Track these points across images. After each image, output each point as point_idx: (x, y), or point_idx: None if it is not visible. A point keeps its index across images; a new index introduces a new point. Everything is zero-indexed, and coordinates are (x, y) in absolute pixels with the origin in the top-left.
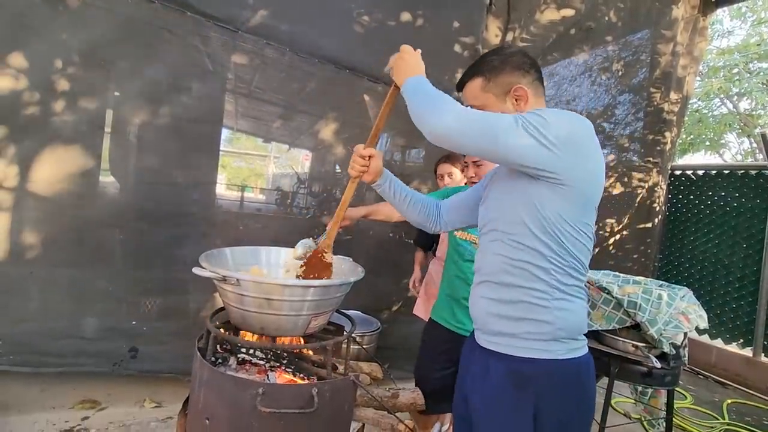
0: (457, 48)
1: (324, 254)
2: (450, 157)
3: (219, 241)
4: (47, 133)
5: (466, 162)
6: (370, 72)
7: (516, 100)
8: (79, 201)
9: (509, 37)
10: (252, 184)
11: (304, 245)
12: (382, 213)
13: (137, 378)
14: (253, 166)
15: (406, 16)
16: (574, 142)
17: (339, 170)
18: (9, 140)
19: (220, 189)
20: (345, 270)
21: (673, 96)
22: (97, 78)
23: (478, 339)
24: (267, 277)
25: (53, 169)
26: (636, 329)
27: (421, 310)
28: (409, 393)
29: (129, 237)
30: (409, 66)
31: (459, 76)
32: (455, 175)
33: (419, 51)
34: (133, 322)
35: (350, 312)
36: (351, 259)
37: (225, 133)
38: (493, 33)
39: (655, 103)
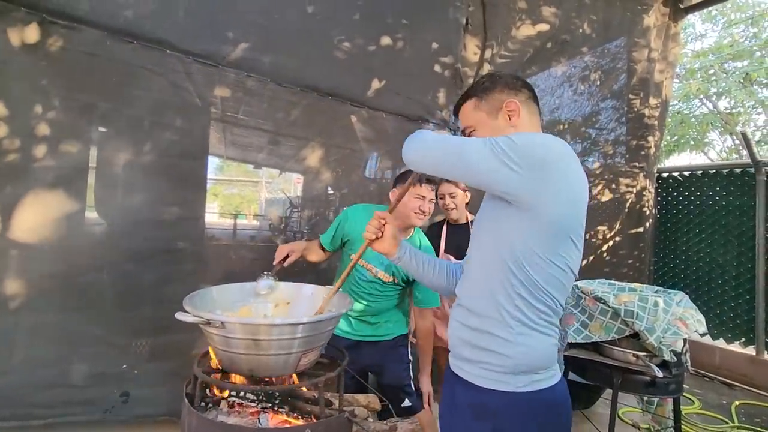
0: (437, 68)
1: None
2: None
3: (210, 275)
4: (29, 179)
5: (442, 193)
6: (351, 97)
7: (509, 115)
8: (64, 246)
9: (487, 54)
10: (244, 212)
11: (267, 286)
12: (311, 250)
13: (130, 424)
14: (244, 193)
15: (385, 40)
16: (542, 167)
17: (332, 192)
18: None
19: (212, 219)
20: (334, 301)
21: (653, 101)
22: (79, 121)
23: (450, 362)
24: (252, 318)
25: (36, 215)
26: (636, 338)
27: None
28: (407, 424)
29: (116, 278)
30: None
31: (441, 95)
32: (458, 196)
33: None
34: (124, 366)
35: None
36: (340, 290)
37: (214, 162)
38: (472, 51)
39: (636, 108)
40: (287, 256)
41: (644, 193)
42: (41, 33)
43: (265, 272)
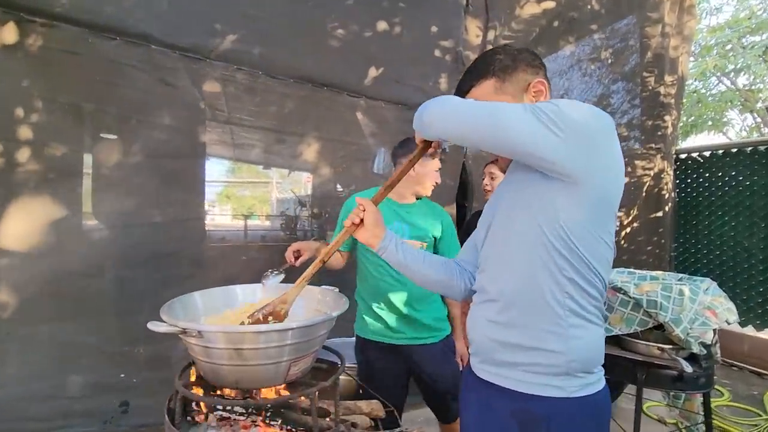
0: (437, 53)
1: (276, 321)
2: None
3: (211, 278)
4: (14, 184)
5: (484, 172)
6: (348, 87)
7: (534, 96)
8: (54, 252)
9: (490, 35)
10: (243, 213)
11: (274, 284)
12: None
13: None
14: (255, 193)
15: (382, 26)
16: (588, 135)
17: (341, 189)
18: None
19: (213, 220)
20: (329, 302)
21: (668, 78)
22: (63, 122)
23: (477, 369)
24: (233, 325)
25: (23, 221)
26: (660, 330)
27: None
28: None
29: (110, 284)
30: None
31: (443, 81)
32: (497, 179)
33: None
34: (122, 375)
35: (351, 339)
36: (336, 290)
37: (222, 163)
38: (474, 33)
39: (650, 87)
40: (299, 256)
41: (662, 175)
42: (19, 32)
43: (270, 270)
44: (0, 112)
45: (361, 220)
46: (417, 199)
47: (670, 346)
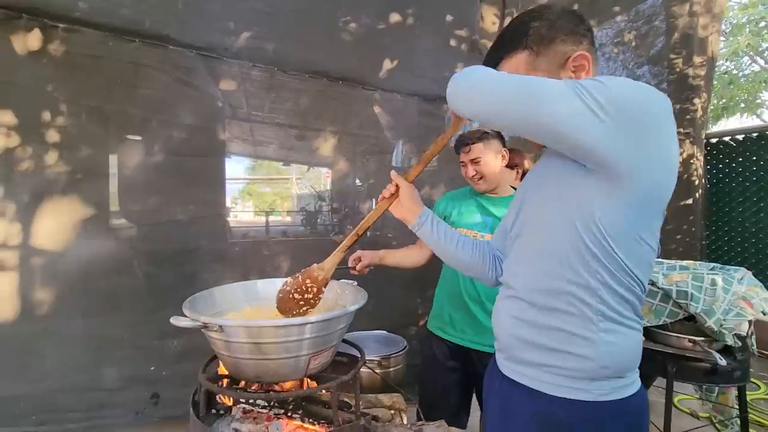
0: (453, 42)
1: (314, 286)
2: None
3: (233, 273)
4: (43, 186)
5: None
6: (363, 80)
7: (574, 71)
8: (85, 251)
9: (507, 22)
10: (264, 209)
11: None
12: (397, 256)
13: (162, 424)
14: (271, 189)
15: (395, 17)
16: (639, 120)
17: (360, 184)
18: (7, 198)
19: (236, 218)
20: (347, 295)
21: (697, 59)
22: (87, 125)
23: (500, 364)
24: (253, 319)
25: (54, 221)
26: (691, 321)
27: None
28: (434, 428)
29: (138, 280)
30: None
31: (459, 71)
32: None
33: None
34: (152, 368)
35: (373, 333)
36: (355, 283)
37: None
38: (490, 21)
39: (678, 69)
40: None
41: (692, 161)
42: (43, 39)
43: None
44: (28, 117)
45: (395, 196)
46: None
47: (703, 338)
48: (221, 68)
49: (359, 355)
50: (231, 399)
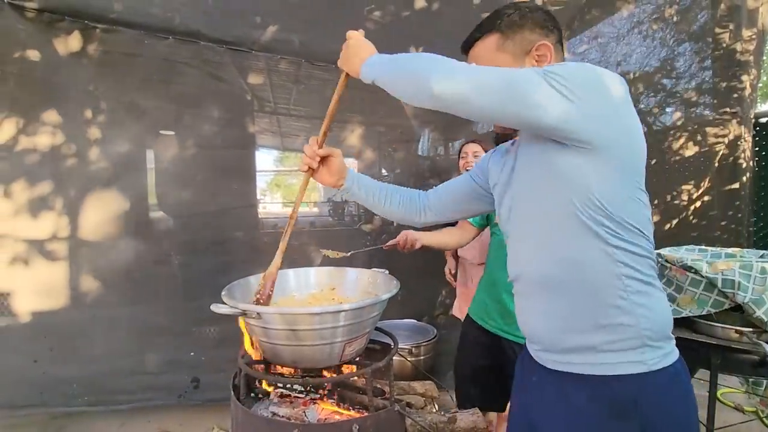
0: None
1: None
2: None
3: (265, 262)
4: (86, 181)
5: (465, 152)
6: None
7: (537, 60)
8: (127, 242)
9: (538, 2)
10: (293, 200)
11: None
12: (440, 237)
13: (204, 407)
14: (299, 181)
15: (420, 3)
16: (603, 97)
17: (386, 173)
18: (55, 193)
19: (266, 209)
20: (379, 284)
21: (746, 33)
22: (125, 121)
23: (543, 360)
24: (290, 307)
25: (98, 213)
26: (738, 312)
27: (458, 311)
28: (469, 416)
29: (176, 270)
30: (359, 49)
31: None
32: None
33: (362, 31)
34: (192, 353)
35: (404, 321)
36: (386, 272)
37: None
38: (520, 2)
39: (724, 44)
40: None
41: (739, 142)
42: (83, 40)
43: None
44: (71, 116)
45: (312, 169)
46: None
47: (750, 329)
48: (249, 62)
49: (392, 343)
50: (269, 384)
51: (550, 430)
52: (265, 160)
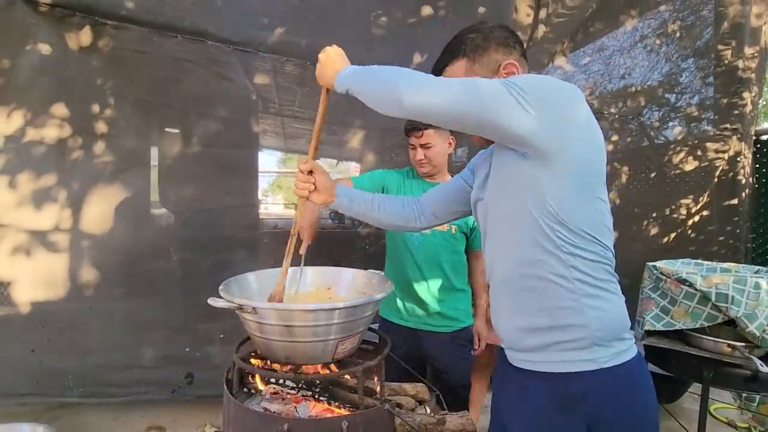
0: None
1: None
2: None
3: (263, 262)
4: (91, 174)
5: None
6: None
7: (506, 77)
8: (127, 236)
9: (542, 14)
10: (294, 202)
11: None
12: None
13: (196, 403)
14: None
15: (427, 11)
16: (557, 107)
17: None
18: (59, 185)
19: (267, 210)
20: (374, 284)
21: (748, 50)
22: (131, 117)
23: (510, 358)
24: (284, 303)
25: (101, 208)
26: (731, 326)
27: None
28: (458, 417)
29: (175, 266)
30: (333, 62)
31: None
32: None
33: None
34: (187, 349)
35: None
36: (382, 273)
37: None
38: (524, 13)
39: (726, 61)
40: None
41: (739, 159)
42: (93, 35)
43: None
44: (79, 109)
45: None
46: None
47: (743, 344)
48: (256, 63)
49: (384, 343)
50: (262, 380)
51: (514, 425)
52: (267, 160)
